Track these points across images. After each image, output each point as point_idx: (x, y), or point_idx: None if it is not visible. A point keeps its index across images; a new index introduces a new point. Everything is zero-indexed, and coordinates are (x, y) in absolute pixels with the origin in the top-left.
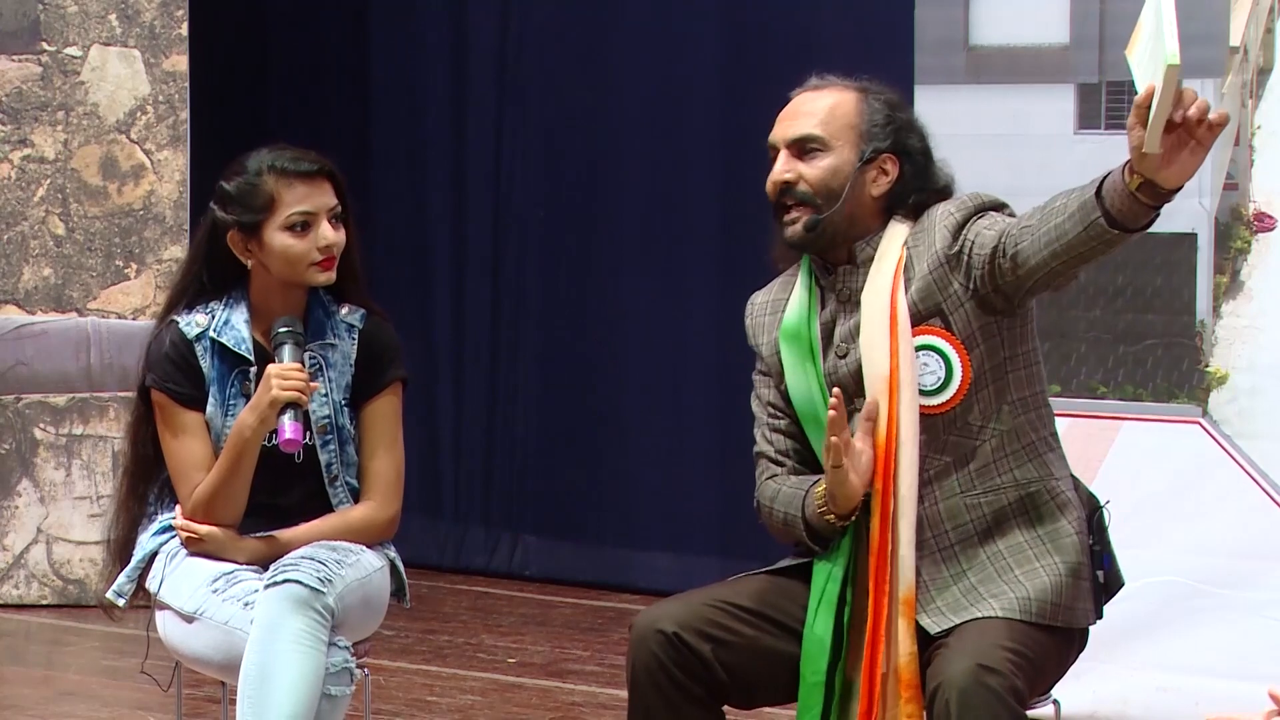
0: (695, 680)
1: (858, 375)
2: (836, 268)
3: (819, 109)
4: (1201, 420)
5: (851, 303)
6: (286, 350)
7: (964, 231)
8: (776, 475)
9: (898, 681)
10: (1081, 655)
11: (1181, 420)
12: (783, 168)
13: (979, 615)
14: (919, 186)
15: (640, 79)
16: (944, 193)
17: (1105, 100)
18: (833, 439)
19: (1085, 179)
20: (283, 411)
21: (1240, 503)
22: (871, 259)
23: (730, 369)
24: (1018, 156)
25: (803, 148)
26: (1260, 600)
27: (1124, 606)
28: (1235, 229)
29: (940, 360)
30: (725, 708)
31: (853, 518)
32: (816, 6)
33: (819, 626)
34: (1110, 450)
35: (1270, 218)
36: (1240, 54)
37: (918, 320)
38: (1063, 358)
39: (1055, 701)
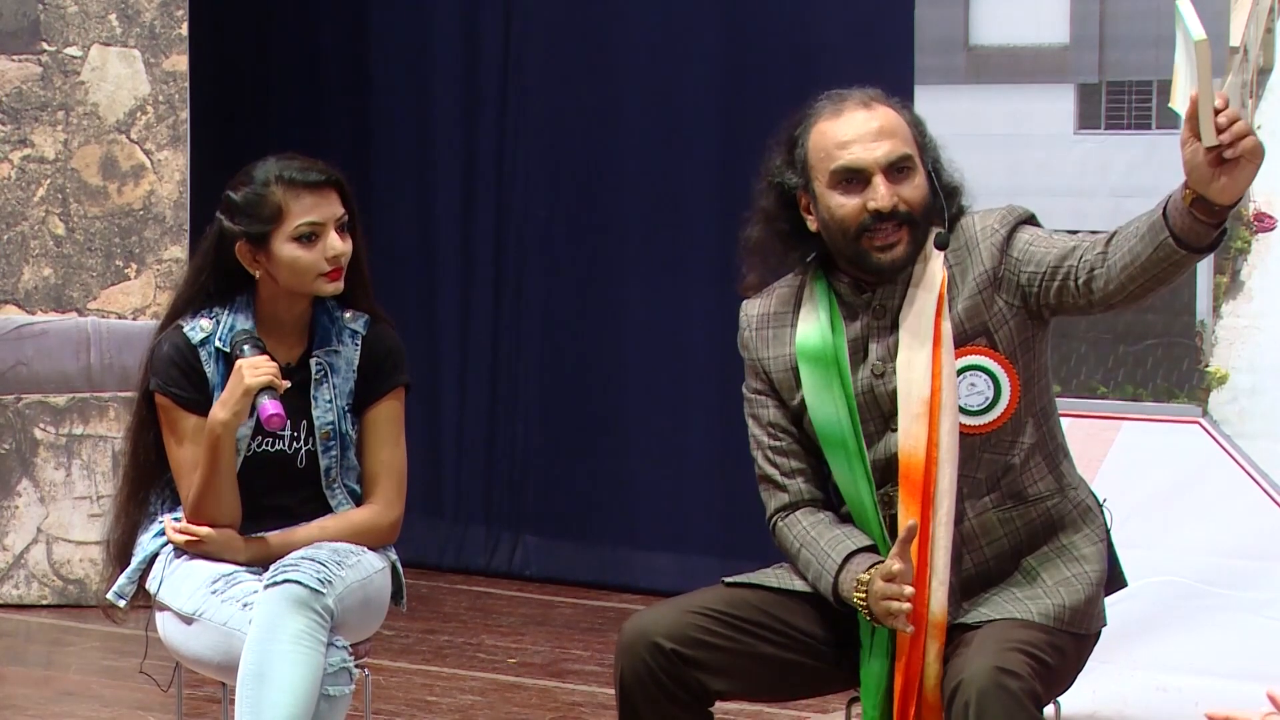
0: (682, 686)
1: (895, 395)
2: (874, 287)
3: (896, 122)
4: (1201, 420)
5: (887, 320)
6: (248, 350)
7: (1008, 249)
8: (792, 507)
9: (923, 705)
10: None
11: (1181, 420)
12: (888, 191)
13: (1001, 616)
14: (945, 193)
15: (641, 80)
16: (959, 198)
17: (1105, 100)
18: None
19: (1085, 179)
20: (258, 396)
21: (1240, 503)
22: (910, 278)
23: (731, 370)
24: (1018, 156)
25: (898, 168)
26: (1260, 600)
27: (1124, 606)
28: (1235, 229)
29: (989, 380)
30: (728, 705)
31: None
32: (816, 6)
33: (875, 665)
34: (1110, 450)
35: (1270, 218)
36: (1240, 54)
37: (963, 340)
38: (1063, 358)
39: (1055, 701)
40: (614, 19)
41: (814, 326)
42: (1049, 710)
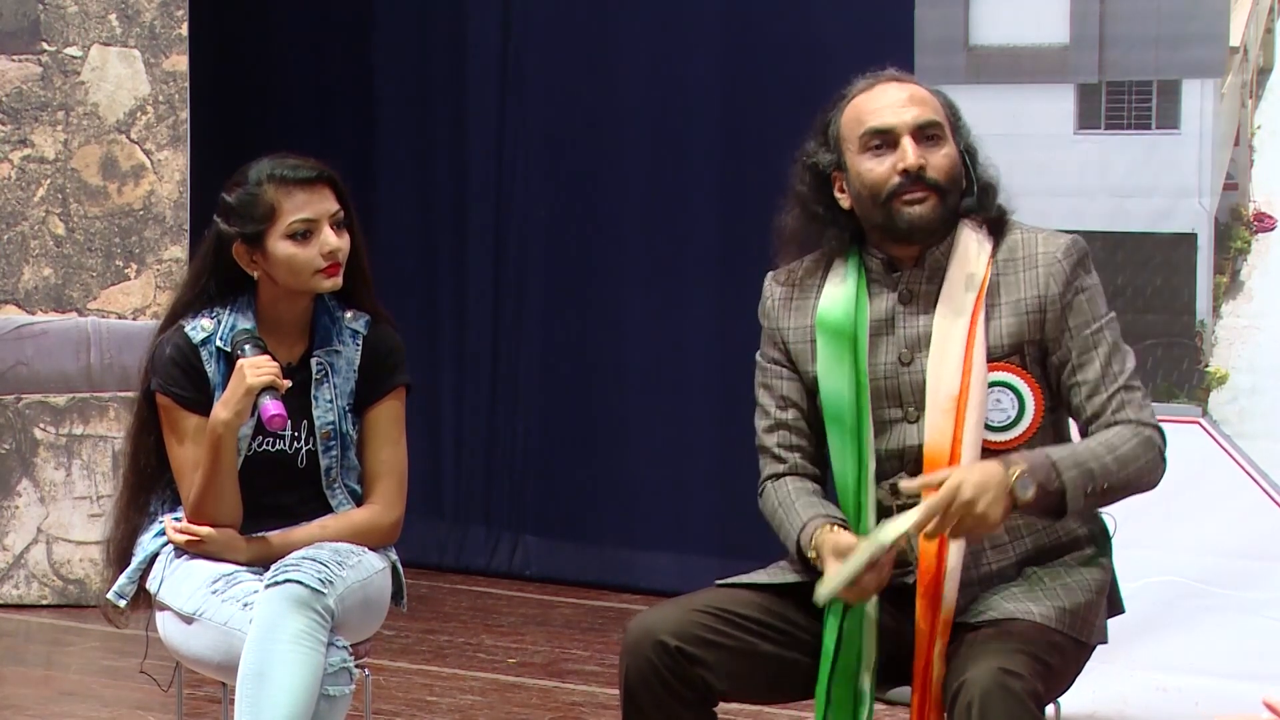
0: (687, 685)
1: (922, 388)
2: (904, 268)
3: (927, 96)
4: (1201, 420)
5: (913, 306)
6: (249, 349)
7: (1072, 288)
8: (778, 476)
9: (927, 702)
10: None
11: (1181, 420)
12: (916, 151)
13: (1003, 616)
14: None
15: (641, 80)
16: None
17: (1105, 100)
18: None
19: (1085, 179)
20: (260, 395)
21: (1240, 503)
22: (941, 264)
23: (730, 369)
24: (1018, 156)
25: (926, 134)
26: (1260, 600)
27: (1124, 606)
28: (1235, 229)
29: (1014, 399)
30: (728, 705)
31: None
32: (816, 6)
33: (828, 640)
34: None
35: (1270, 218)
36: (1240, 54)
37: (997, 355)
38: None
39: (1055, 702)
40: (614, 19)
41: (837, 300)
42: (1049, 710)
